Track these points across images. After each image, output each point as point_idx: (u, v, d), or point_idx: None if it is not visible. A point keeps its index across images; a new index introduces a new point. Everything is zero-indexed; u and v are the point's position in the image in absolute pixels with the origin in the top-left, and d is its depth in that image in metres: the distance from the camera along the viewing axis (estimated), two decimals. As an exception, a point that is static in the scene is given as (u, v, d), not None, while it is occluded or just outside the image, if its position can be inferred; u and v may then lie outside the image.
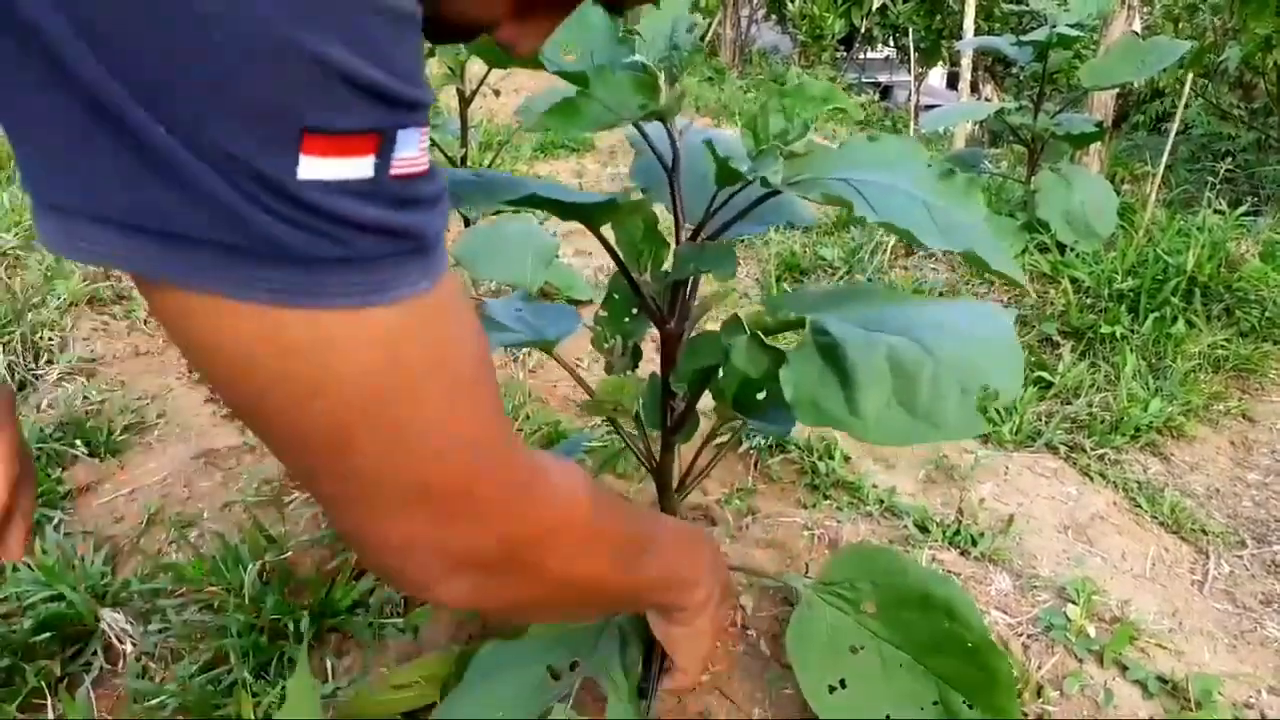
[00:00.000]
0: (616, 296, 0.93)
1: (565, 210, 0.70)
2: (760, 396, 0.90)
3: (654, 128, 0.76)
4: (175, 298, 0.34)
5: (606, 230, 0.77)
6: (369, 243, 0.34)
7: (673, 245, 0.81)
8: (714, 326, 0.80)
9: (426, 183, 0.36)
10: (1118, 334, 2.14)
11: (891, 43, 8.05)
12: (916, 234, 0.61)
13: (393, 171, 0.34)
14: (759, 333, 0.68)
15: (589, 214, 0.71)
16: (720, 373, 0.83)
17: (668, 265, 0.83)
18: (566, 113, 0.65)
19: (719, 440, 1.00)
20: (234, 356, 0.36)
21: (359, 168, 0.33)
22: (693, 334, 0.85)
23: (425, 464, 0.41)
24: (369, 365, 0.36)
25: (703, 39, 7.37)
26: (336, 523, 0.44)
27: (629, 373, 0.91)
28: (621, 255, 0.81)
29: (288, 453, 0.40)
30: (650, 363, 0.94)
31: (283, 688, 1.02)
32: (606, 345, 0.91)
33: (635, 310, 0.91)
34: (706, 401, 0.91)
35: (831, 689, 0.98)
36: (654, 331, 0.87)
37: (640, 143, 0.79)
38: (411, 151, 0.35)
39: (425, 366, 0.39)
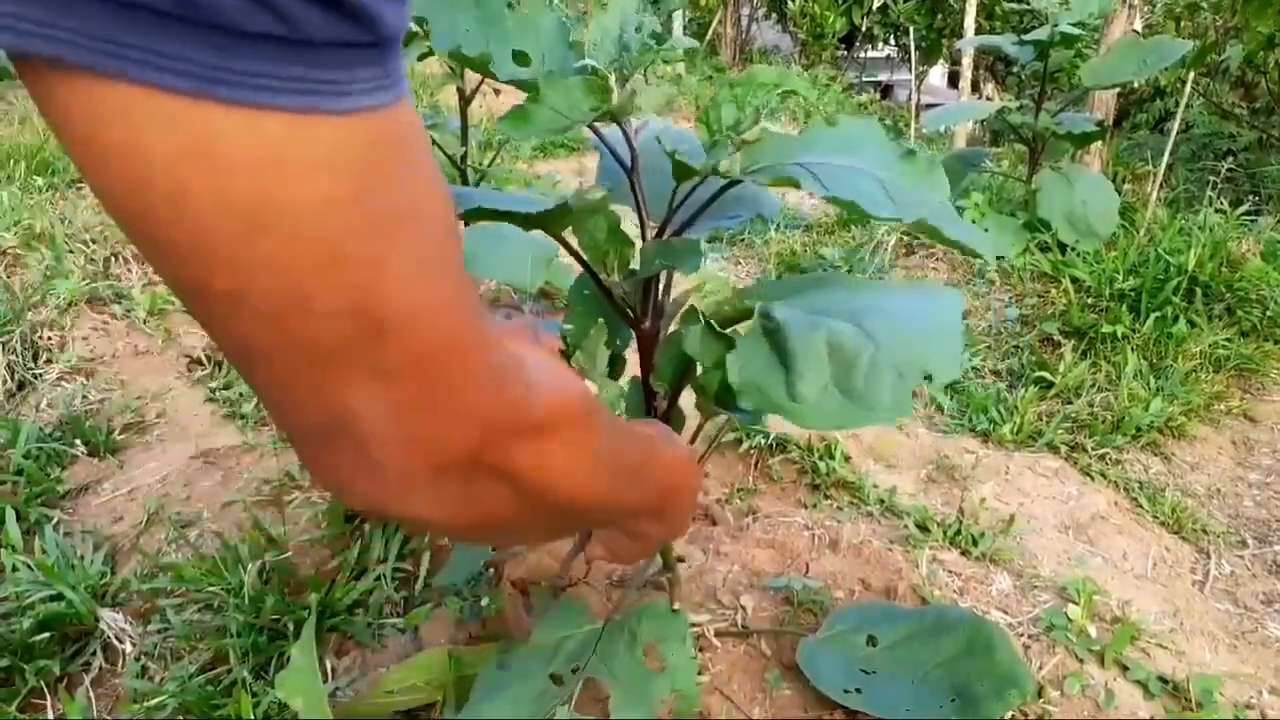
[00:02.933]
0: (584, 298, 0.87)
1: (520, 220, 0.70)
2: None
3: (612, 130, 0.76)
4: (75, 89, 0.26)
5: (569, 235, 0.77)
6: (312, 16, 0.26)
7: (638, 245, 0.80)
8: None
9: None
10: (1119, 333, 2.14)
11: (892, 41, 8.05)
12: (863, 205, 0.61)
13: None
14: (712, 322, 0.68)
15: (544, 221, 0.71)
16: (699, 368, 0.83)
17: (635, 265, 0.82)
18: (517, 120, 0.65)
19: (711, 436, 0.99)
20: (156, 174, 0.27)
21: None
22: (669, 331, 0.84)
23: (397, 333, 0.33)
24: (326, 196, 0.29)
25: (702, 38, 7.36)
26: (283, 421, 0.36)
27: (607, 379, 0.89)
28: (586, 258, 0.79)
29: (220, 317, 0.31)
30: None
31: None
32: (574, 358, 0.85)
33: (599, 318, 0.89)
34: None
35: (847, 691, 0.99)
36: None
37: (601, 145, 0.79)
38: None
39: (394, 209, 0.31)
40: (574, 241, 0.78)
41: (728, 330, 0.70)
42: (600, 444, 0.48)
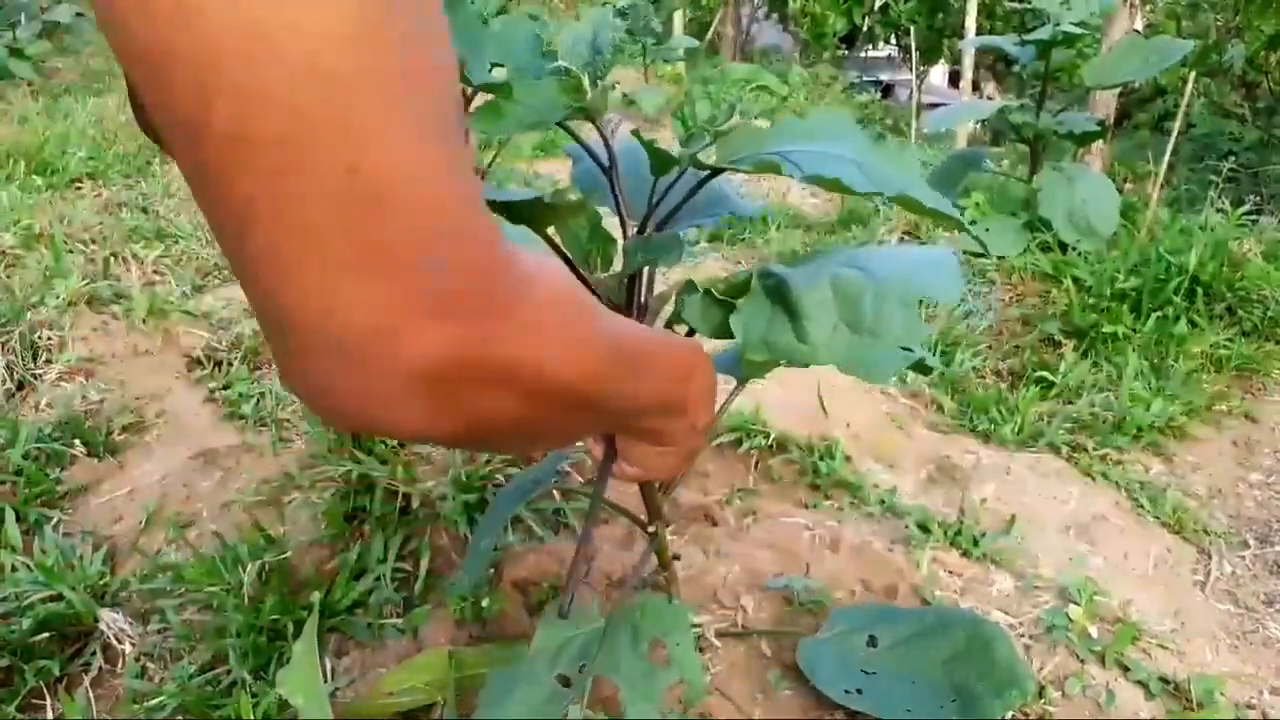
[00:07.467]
0: None
1: (503, 210, 0.71)
2: None
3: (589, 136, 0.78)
4: None
5: (553, 232, 0.78)
6: None
7: (619, 242, 0.81)
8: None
9: None
10: (1120, 333, 2.13)
11: (893, 41, 8.05)
12: (844, 181, 0.61)
13: None
14: (711, 289, 0.70)
15: (523, 215, 0.71)
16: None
17: (618, 262, 0.83)
18: (490, 115, 0.67)
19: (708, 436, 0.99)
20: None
21: None
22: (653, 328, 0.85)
23: (390, 204, 0.30)
24: (334, 29, 0.27)
25: (703, 38, 7.36)
26: (267, 310, 0.33)
27: None
28: (570, 255, 0.80)
29: (217, 168, 0.30)
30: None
31: (281, 688, 1.02)
32: None
33: None
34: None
35: (847, 692, 0.99)
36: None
37: (576, 151, 0.81)
38: None
39: (399, 60, 0.29)
40: (559, 239, 0.79)
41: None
42: (597, 325, 0.45)
